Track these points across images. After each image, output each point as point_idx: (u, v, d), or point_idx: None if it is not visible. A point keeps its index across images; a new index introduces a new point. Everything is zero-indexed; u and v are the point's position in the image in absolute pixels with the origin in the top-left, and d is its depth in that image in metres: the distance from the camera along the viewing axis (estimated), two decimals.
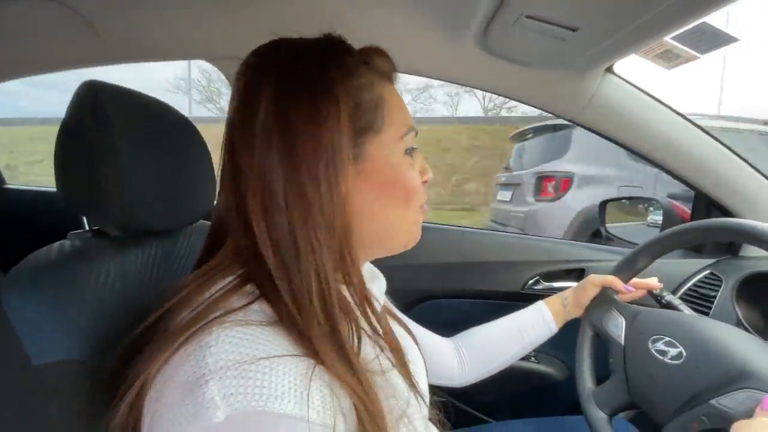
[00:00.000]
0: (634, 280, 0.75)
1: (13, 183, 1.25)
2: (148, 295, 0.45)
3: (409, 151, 0.43)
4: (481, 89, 0.89)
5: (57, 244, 0.45)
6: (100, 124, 0.42)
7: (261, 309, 0.34)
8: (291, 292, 0.34)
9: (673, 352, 0.59)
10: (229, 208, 0.38)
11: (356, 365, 0.34)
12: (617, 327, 0.69)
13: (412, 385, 0.44)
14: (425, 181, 0.46)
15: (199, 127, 0.54)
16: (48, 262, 0.41)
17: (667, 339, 0.61)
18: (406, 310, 0.56)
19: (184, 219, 0.53)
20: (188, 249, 0.54)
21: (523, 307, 0.77)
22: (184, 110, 0.54)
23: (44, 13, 0.72)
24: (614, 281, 0.73)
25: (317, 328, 0.34)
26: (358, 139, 0.39)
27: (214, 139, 0.47)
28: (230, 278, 0.36)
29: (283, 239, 0.35)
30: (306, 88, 0.37)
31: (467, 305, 1.07)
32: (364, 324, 0.39)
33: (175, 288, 0.37)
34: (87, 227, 0.51)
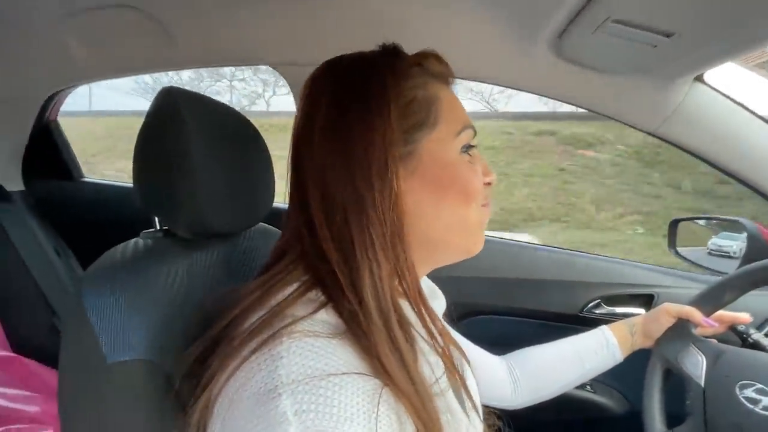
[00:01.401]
0: (719, 312, 0.68)
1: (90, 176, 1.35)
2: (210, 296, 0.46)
3: (466, 149, 0.42)
4: (549, 97, 0.84)
5: (131, 242, 0.47)
6: (176, 129, 0.43)
7: (326, 318, 0.35)
8: (353, 287, 0.35)
9: (766, 401, 0.55)
10: (296, 214, 0.40)
11: (420, 386, 0.34)
12: (696, 366, 0.63)
13: (472, 408, 0.43)
14: (489, 183, 0.44)
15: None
16: (124, 261, 0.43)
17: (759, 386, 0.56)
18: (452, 324, 0.55)
19: (247, 222, 0.54)
20: (248, 251, 0.55)
21: (581, 331, 0.71)
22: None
23: (126, 19, 0.76)
24: (693, 313, 0.66)
25: (376, 330, 0.34)
26: (411, 136, 0.39)
27: None
28: (295, 285, 0.37)
29: (342, 234, 0.36)
30: (359, 91, 0.39)
31: (518, 324, 1.02)
32: (421, 342, 0.38)
33: (239, 294, 0.37)
34: (158, 225, 0.53)
